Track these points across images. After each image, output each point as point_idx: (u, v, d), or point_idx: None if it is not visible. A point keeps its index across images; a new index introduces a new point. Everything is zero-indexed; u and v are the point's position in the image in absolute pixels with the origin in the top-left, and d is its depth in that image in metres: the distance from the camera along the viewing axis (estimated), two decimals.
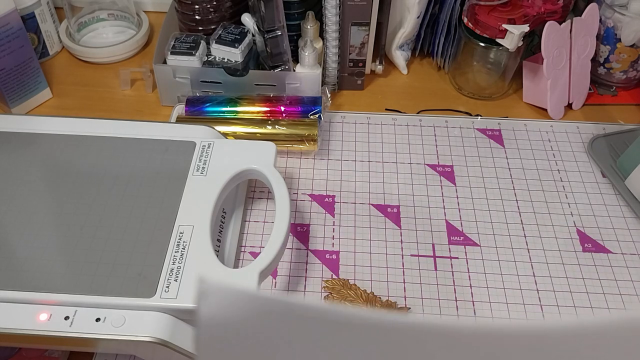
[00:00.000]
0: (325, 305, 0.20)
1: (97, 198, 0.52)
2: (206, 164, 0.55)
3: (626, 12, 0.70)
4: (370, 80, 0.79)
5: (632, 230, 0.61)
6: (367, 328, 0.20)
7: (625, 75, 0.76)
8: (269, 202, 0.63)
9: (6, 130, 0.57)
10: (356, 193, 0.64)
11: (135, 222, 0.50)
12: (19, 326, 0.43)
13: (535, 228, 0.61)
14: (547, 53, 0.68)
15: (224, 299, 0.20)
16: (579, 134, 0.72)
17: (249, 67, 0.70)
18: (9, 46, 0.67)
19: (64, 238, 0.49)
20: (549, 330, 0.19)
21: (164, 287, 0.46)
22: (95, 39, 0.82)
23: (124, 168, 0.54)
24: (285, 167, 0.67)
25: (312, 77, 0.69)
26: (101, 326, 0.43)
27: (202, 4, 0.71)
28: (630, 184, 0.63)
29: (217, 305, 0.20)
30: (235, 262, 0.57)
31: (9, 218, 0.50)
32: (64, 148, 0.56)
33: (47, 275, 0.46)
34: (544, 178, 0.67)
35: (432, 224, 0.62)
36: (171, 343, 0.44)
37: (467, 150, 0.69)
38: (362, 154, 0.69)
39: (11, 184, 0.53)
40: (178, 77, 0.70)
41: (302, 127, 0.66)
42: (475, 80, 0.76)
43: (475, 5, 0.69)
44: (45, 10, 0.76)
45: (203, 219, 0.51)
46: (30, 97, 0.73)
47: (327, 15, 0.68)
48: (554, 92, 0.72)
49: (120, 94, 0.76)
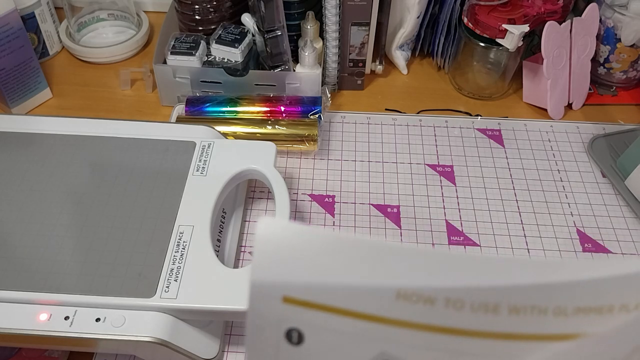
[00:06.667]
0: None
1: (97, 198, 0.52)
2: (206, 164, 0.55)
3: (626, 12, 0.70)
4: (370, 80, 0.79)
5: (632, 230, 0.61)
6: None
7: (625, 75, 0.76)
8: (269, 202, 0.63)
9: (6, 130, 0.57)
10: (356, 193, 0.64)
11: (135, 222, 0.50)
12: (19, 326, 0.43)
13: (535, 228, 0.61)
14: (547, 53, 0.68)
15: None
16: (579, 134, 0.72)
17: (249, 67, 0.70)
18: (9, 46, 0.67)
19: (64, 238, 0.49)
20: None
21: (164, 287, 0.46)
22: (95, 39, 0.82)
23: (124, 168, 0.54)
24: (285, 167, 0.67)
25: (312, 77, 0.69)
26: (101, 326, 0.43)
27: (202, 4, 0.71)
28: (630, 184, 0.63)
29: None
30: (235, 262, 0.57)
31: (9, 218, 0.50)
32: (64, 148, 0.56)
33: (47, 275, 0.46)
34: (544, 178, 0.67)
35: (432, 224, 0.62)
36: (171, 343, 0.44)
37: (467, 150, 0.69)
38: (362, 154, 0.69)
39: (11, 184, 0.53)
40: (178, 77, 0.70)
41: (302, 127, 0.66)
42: (475, 80, 0.76)
43: (475, 5, 0.69)
44: (45, 10, 0.76)
45: (203, 219, 0.51)
46: (30, 97, 0.73)
47: (327, 15, 0.68)
48: (554, 92, 0.72)
49: (120, 94, 0.76)
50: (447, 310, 0.21)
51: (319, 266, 0.21)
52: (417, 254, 0.21)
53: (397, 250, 0.21)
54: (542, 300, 0.21)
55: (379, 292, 0.21)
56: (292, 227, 0.21)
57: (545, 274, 0.21)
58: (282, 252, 0.21)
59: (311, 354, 0.23)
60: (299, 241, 0.21)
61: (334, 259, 0.21)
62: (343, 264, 0.21)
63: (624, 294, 0.21)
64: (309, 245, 0.21)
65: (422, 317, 0.21)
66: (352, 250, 0.21)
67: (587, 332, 0.21)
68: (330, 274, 0.21)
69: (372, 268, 0.21)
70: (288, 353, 0.24)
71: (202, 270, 0.47)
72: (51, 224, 0.50)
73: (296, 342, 0.23)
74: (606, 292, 0.21)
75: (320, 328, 0.22)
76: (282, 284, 0.22)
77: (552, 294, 0.21)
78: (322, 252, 0.21)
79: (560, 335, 0.21)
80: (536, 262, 0.21)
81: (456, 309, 0.21)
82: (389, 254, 0.21)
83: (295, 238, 0.21)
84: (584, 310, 0.21)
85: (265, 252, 0.21)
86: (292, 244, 0.21)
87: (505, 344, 0.22)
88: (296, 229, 0.21)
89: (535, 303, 0.21)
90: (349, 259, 0.21)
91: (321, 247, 0.21)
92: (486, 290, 0.21)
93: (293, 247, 0.21)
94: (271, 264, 0.22)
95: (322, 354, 0.23)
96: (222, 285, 0.46)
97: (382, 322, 0.22)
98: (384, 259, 0.21)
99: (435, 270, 0.21)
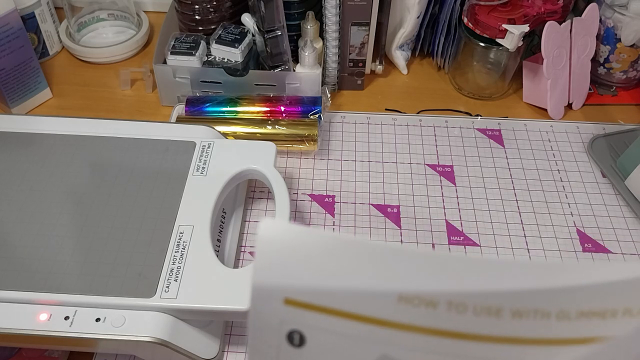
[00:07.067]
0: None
1: (97, 198, 0.52)
2: (206, 164, 0.55)
3: (626, 12, 0.70)
4: (370, 80, 0.79)
5: (632, 230, 0.61)
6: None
7: (625, 75, 0.76)
8: (269, 202, 0.63)
9: (6, 130, 0.57)
10: (356, 193, 0.64)
11: (135, 222, 0.50)
12: (19, 326, 0.43)
13: (535, 228, 0.61)
14: (547, 53, 0.68)
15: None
16: (579, 134, 0.72)
17: (249, 67, 0.70)
18: (9, 46, 0.67)
19: (64, 238, 0.49)
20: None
21: (164, 287, 0.46)
22: (95, 39, 0.82)
23: (124, 168, 0.54)
24: (285, 167, 0.67)
25: (312, 77, 0.69)
26: (101, 326, 0.43)
27: (202, 4, 0.71)
28: (630, 184, 0.63)
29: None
30: (235, 262, 0.57)
31: (9, 218, 0.50)
32: (64, 148, 0.56)
33: (47, 275, 0.46)
34: (544, 178, 0.67)
35: (432, 224, 0.62)
36: (171, 343, 0.44)
37: (467, 150, 0.69)
38: (362, 154, 0.69)
39: (11, 184, 0.53)
40: (178, 77, 0.70)
41: (302, 127, 0.66)
42: (475, 80, 0.76)
43: (475, 5, 0.69)
44: (45, 10, 0.76)
45: (203, 219, 0.51)
46: (30, 97, 0.72)
47: (327, 15, 0.68)
48: (554, 92, 0.72)
49: (120, 94, 0.76)
50: (449, 314, 0.21)
51: (321, 268, 0.21)
52: (419, 256, 0.21)
53: (400, 253, 0.21)
54: (546, 304, 0.21)
55: (380, 295, 0.21)
56: (294, 229, 0.21)
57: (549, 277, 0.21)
58: (283, 254, 0.21)
59: (312, 356, 0.23)
60: (300, 243, 0.21)
61: (336, 261, 0.21)
62: (345, 266, 0.21)
63: (628, 298, 0.21)
64: (311, 247, 0.21)
65: (424, 321, 0.21)
66: (354, 253, 0.21)
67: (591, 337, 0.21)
68: (332, 276, 0.21)
69: (374, 270, 0.21)
70: (289, 355, 0.24)
71: (202, 270, 0.47)
72: (51, 224, 0.50)
73: (298, 344, 0.23)
74: (610, 296, 0.21)
75: (322, 330, 0.22)
76: (283, 286, 0.22)
77: (555, 297, 0.21)
78: (324, 254, 0.21)
79: (563, 340, 0.21)
80: (539, 265, 0.21)
81: (458, 313, 0.21)
82: (391, 256, 0.21)
83: (297, 240, 0.21)
84: (587, 314, 0.21)
85: (267, 254, 0.21)
86: (293, 246, 0.21)
87: (507, 348, 0.22)
88: (298, 230, 0.21)
89: (539, 307, 0.21)
90: (351, 261, 0.21)
91: (323, 249, 0.21)
92: (489, 294, 0.21)
93: (295, 249, 0.21)
94: (273, 266, 0.21)
95: (324, 357, 0.23)
96: (222, 285, 0.46)
97: (384, 325, 0.22)
98: (386, 262, 0.21)
99: (437, 273, 0.21)
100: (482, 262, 0.21)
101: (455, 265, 0.21)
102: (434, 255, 0.21)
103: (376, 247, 0.21)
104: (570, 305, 0.21)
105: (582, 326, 0.21)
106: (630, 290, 0.21)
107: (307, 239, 0.21)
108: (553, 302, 0.21)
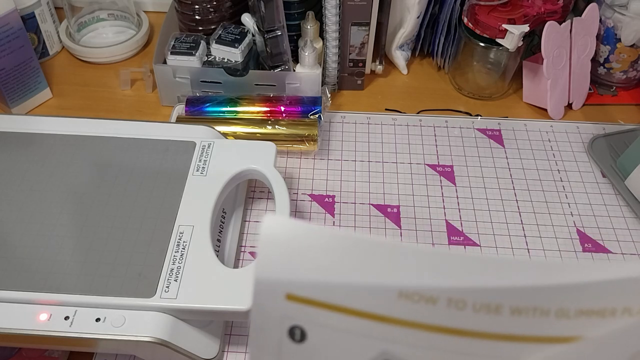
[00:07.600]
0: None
1: (97, 198, 0.52)
2: (206, 164, 0.55)
3: (626, 12, 0.70)
4: (370, 80, 0.79)
5: (632, 230, 0.61)
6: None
7: (625, 75, 0.76)
8: (269, 202, 0.63)
9: (6, 130, 0.57)
10: (356, 193, 0.64)
11: (135, 222, 0.50)
12: (19, 326, 0.43)
13: (535, 228, 0.61)
14: (547, 53, 0.68)
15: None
16: (579, 134, 0.72)
17: (249, 67, 0.70)
18: (9, 46, 0.67)
19: (64, 238, 0.49)
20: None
21: (164, 287, 0.46)
22: (95, 39, 0.82)
23: (124, 168, 0.54)
24: (285, 167, 0.67)
25: (312, 77, 0.69)
26: (101, 326, 0.43)
27: (202, 4, 0.71)
28: (630, 184, 0.63)
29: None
30: (235, 262, 0.57)
31: (9, 218, 0.50)
32: (64, 148, 0.56)
33: (47, 275, 0.46)
34: (544, 178, 0.67)
35: (432, 224, 0.62)
36: (171, 343, 0.44)
37: (467, 150, 0.69)
38: (362, 154, 0.69)
39: (11, 184, 0.53)
40: (178, 77, 0.70)
41: (302, 127, 0.66)
42: (475, 80, 0.76)
43: (475, 5, 0.69)
44: (45, 10, 0.76)
45: (203, 219, 0.51)
46: (30, 97, 0.73)
47: (327, 15, 0.68)
48: (554, 92, 0.72)
49: (120, 94, 0.76)
50: (449, 310, 0.21)
51: (322, 264, 0.21)
52: (420, 253, 0.21)
53: (400, 250, 0.21)
54: (545, 302, 0.21)
55: (381, 291, 0.21)
56: (296, 225, 0.21)
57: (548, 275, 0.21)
58: (286, 249, 0.21)
59: (313, 351, 0.23)
60: (302, 239, 0.21)
61: (338, 258, 0.21)
62: (346, 262, 0.21)
63: (627, 297, 0.21)
64: (313, 243, 0.21)
65: (424, 317, 0.21)
66: (356, 249, 0.21)
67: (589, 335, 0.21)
68: (334, 272, 0.21)
69: (375, 267, 0.21)
70: (290, 350, 0.24)
71: (202, 270, 0.47)
72: (51, 224, 0.50)
73: (299, 339, 0.23)
74: (609, 295, 0.21)
75: (323, 326, 0.23)
76: (285, 282, 0.22)
77: (554, 295, 0.21)
78: (325, 250, 0.21)
79: (562, 338, 0.21)
80: (539, 263, 0.21)
81: (458, 309, 0.21)
82: (392, 253, 0.21)
83: (299, 236, 0.21)
84: (586, 312, 0.21)
85: (269, 250, 0.21)
86: (296, 241, 0.21)
87: (506, 344, 0.22)
88: (300, 226, 0.21)
89: (538, 304, 0.21)
90: (353, 258, 0.21)
91: (325, 245, 0.21)
92: (489, 291, 0.21)
93: (297, 245, 0.21)
94: (275, 261, 0.22)
95: (324, 352, 0.23)
96: (222, 285, 0.46)
97: (384, 321, 0.22)
98: (387, 258, 0.21)
99: (437, 270, 0.21)
100: (482, 260, 0.21)
101: (456, 262, 0.21)
102: (435, 252, 0.21)
103: (377, 243, 0.21)
104: (570, 304, 0.21)
105: (581, 324, 0.21)
106: (629, 289, 0.21)
107: (310, 235, 0.21)
108: (552, 300, 0.21)
